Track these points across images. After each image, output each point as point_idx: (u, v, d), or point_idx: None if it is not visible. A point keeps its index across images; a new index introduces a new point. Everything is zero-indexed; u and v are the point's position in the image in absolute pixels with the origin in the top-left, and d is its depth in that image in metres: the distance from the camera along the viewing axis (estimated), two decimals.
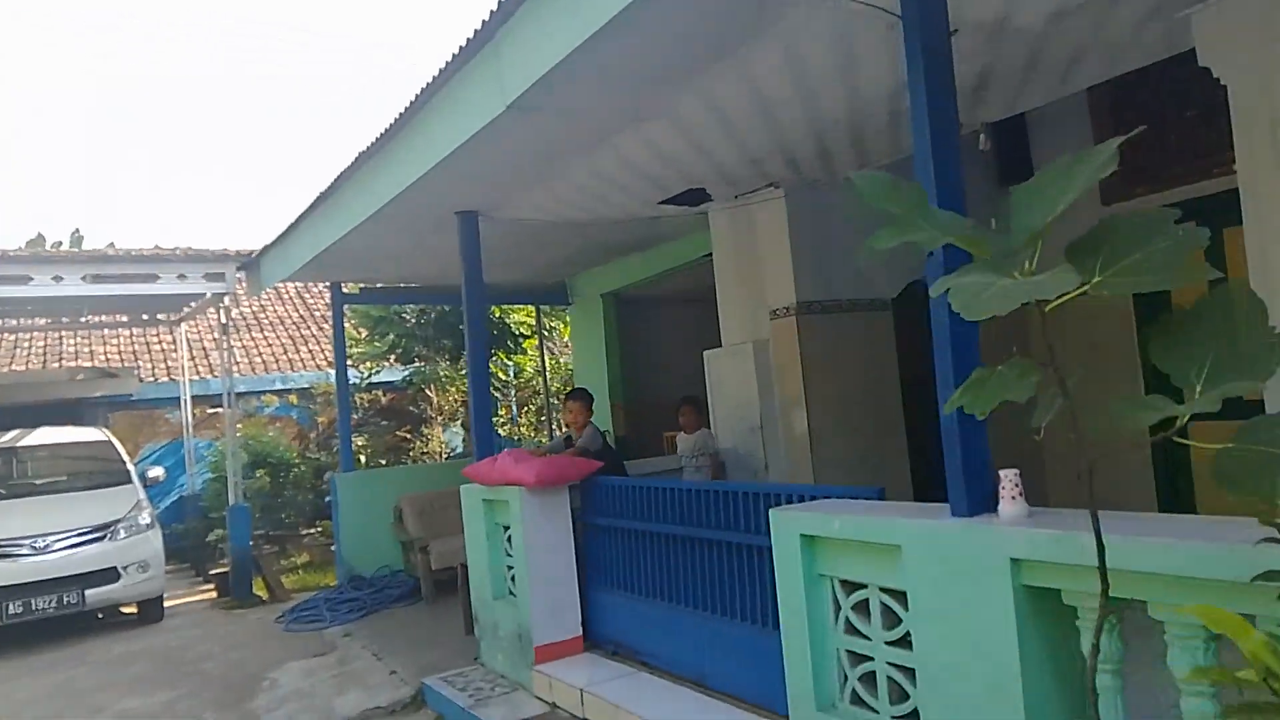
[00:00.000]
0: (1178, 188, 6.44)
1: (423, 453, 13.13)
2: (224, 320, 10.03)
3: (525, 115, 4.26)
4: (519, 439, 13.92)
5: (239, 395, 11.12)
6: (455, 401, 12.85)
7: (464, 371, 12.95)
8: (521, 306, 11.66)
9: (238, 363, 14.57)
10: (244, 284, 9.31)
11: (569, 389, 6.61)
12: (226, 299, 9.73)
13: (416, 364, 13.06)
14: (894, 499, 6.69)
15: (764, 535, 3.66)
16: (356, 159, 5.73)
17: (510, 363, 13.60)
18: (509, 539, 5.55)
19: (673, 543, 4.74)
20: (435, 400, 12.82)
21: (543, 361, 11.33)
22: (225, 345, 10.15)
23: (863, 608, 3.11)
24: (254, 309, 17.44)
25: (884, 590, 3.00)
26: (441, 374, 12.66)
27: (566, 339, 14.47)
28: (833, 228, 6.55)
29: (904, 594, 2.91)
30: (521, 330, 12.27)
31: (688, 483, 4.79)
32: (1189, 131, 6.34)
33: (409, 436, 13.15)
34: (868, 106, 4.86)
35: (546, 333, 12.34)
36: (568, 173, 5.52)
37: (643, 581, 5.03)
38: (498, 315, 11.79)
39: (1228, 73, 3.99)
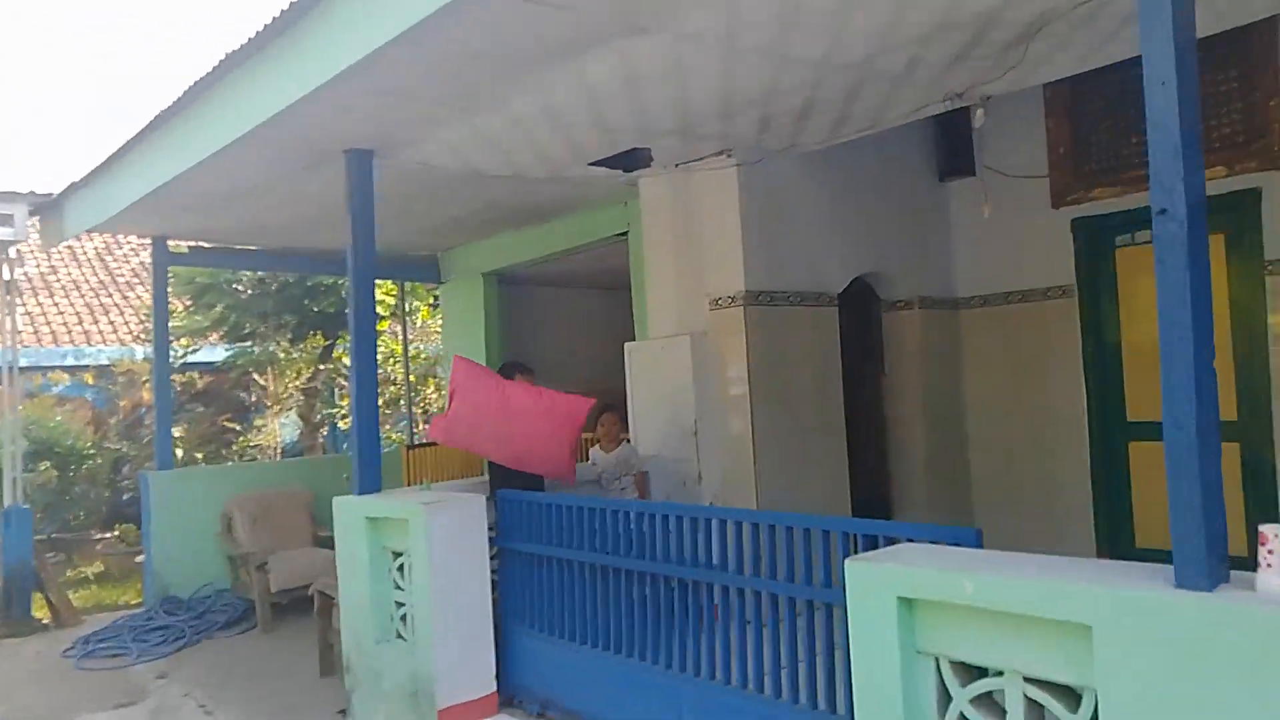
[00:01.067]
0: (1134, 193, 6.05)
1: (250, 446, 11.40)
2: (8, 276, 8.06)
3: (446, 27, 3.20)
4: None
5: (21, 370, 9.12)
6: (293, 388, 11.21)
7: (306, 352, 11.33)
8: (380, 282, 10.23)
9: (20, 331, 12.22)
10: (38, 231, 7.48)
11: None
12: (13, 249, 7.82)
13: (244, 342, 11.32)
14: (833, 510, 6.10)
15: (809, 585, 2.74)
16: (219, 67, 4.36)
17: None
18: (400, 567, 4.37)
19: (644, 581, 3.75)
20: (270, 386, 11.13)
21: (405, 348, 9.95)
22: (7, 307, 8.19)
23: (989, 705, 2.24)
24: (43, 269, 14.84)
25: (1034, 682, 2.14)
26: (280, 355, 10.99)
27: (425, 322, 13.08)
28: (789, 207, 5.74)
29: (1068, 690, 2.07)
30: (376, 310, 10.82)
31: (669, 505, 3.81)
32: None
33: (234, 426, 11.38)
34: (851, 63, 4.06)
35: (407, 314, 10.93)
36: (493, 109, 4.40)
37: (589, 626, 4.00)
38: (343, 287, 10.31)
39: None
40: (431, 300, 11.55)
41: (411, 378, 10.40)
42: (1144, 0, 2.12)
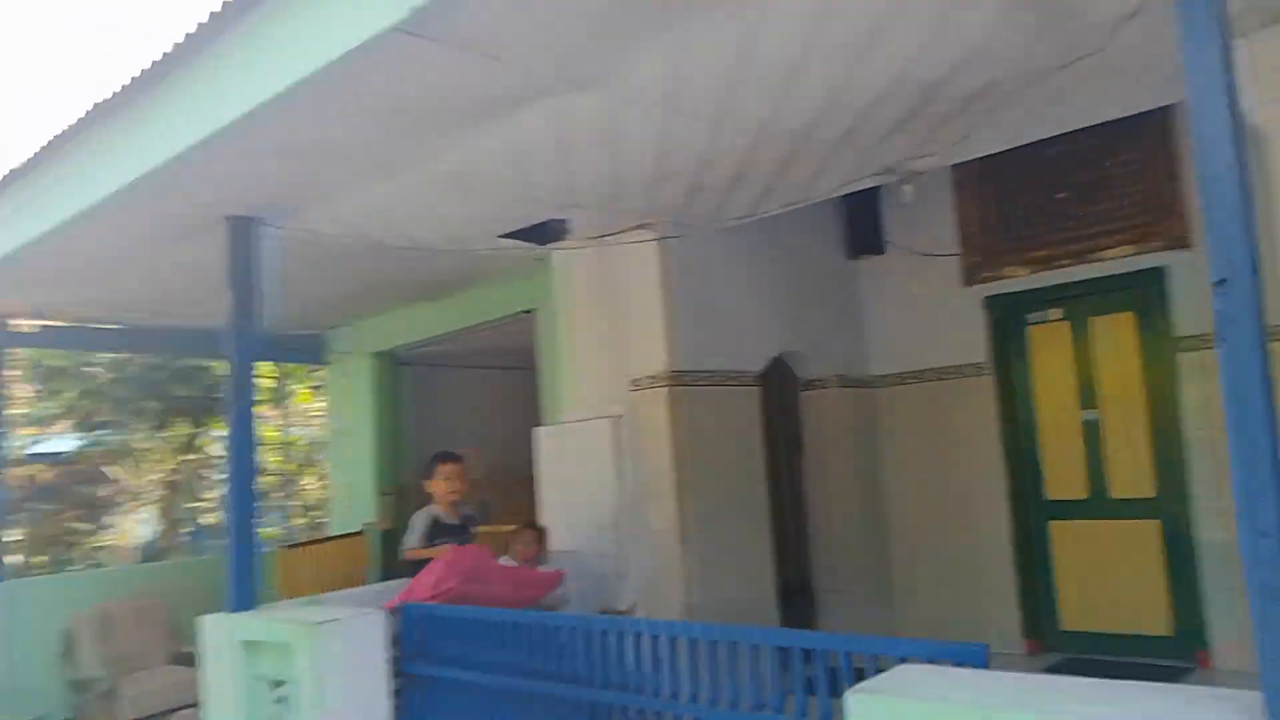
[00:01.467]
0: (1044, 271, 6.09)
1: (99, 548, 10.21)
2: None
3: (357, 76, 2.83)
4: None
5: None
6: (153, 481, 10.14)
7: (169, 441, 10.31)
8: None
9: None
10: None
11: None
12: None
13: (98, 430, 10.24)
14: (761, 602, 5.72)
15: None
16: (80, 121, 3.78)
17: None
18: (282, 700, 3.71)
19: (582, 713, 3.25)
20: (126, 479, 10.04)
21: (284, 434, 9.15)
22: None
23: None
24: None
25: None
26: (136, 444, 9.95)
27: (303, 405, 12.21)
28: (710, 283, 5.48)
29: None
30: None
31: (620, 621, 3.33)
32: (1060, 213, 6.03)
33: (83, 526, 10.18)
34: (791, 130, 3.87)
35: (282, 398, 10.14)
36: (400, 172, 3.99)
37: None
38: (215, 371, 9.46)
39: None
40: (311, 382, 10.77)
41: (291, 466, 9.56)
42: (1193, 83, 1.88)
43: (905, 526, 6.62)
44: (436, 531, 4.60)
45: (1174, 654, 5.53)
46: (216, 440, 10.99)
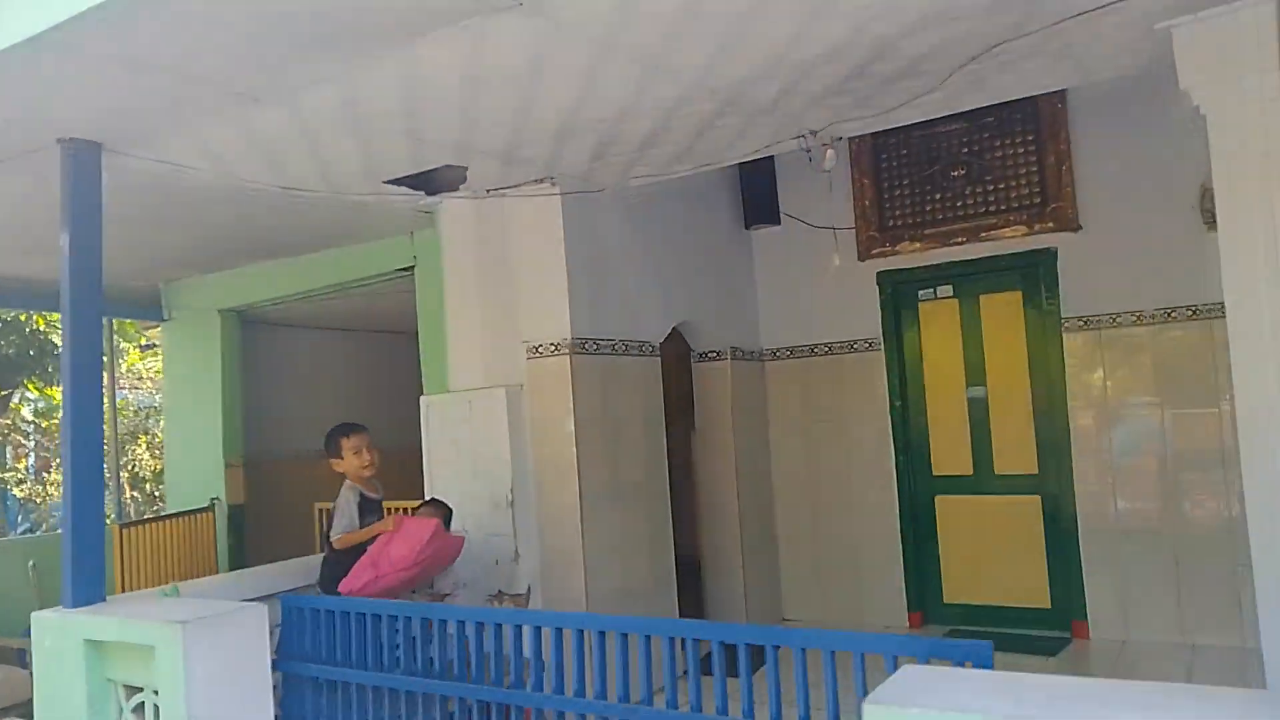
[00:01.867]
0: (938, 248, 6.11)
1: None
2: None
3: None
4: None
5: None
6: None
7: None
8: None
9: None
10: None
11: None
12: None
13: None
14: (662, 582, 5.49)
15: None
16: None
17: (42, 396, 9.87)
18: (140, 708, 3.17)
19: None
20: None
21: (113, 398, 8.16)
22: None
23: None
24: None
25: None
26: None
27: (133, 367, 11.04)
28: (611, 248, 5.16)
29: None
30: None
31: (560, 616, 2.98)
32: (954, 191, 6.05)
33: None
34: (723, 85, 3.59)
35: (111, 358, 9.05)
36: (281, 99, 3.44)
37: None
38: (37, 326, 8.37)
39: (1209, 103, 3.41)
40: (143, 341, 9.71)
41: (119, 435, 8.56)
42: None
43: (793, 504, 6.56)
44: (365, 510, 4.13)
45: (1052, 625, 5.72)
46: (30, 403, 9.78)
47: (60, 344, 7.97)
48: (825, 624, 6.19)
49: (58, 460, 10.91)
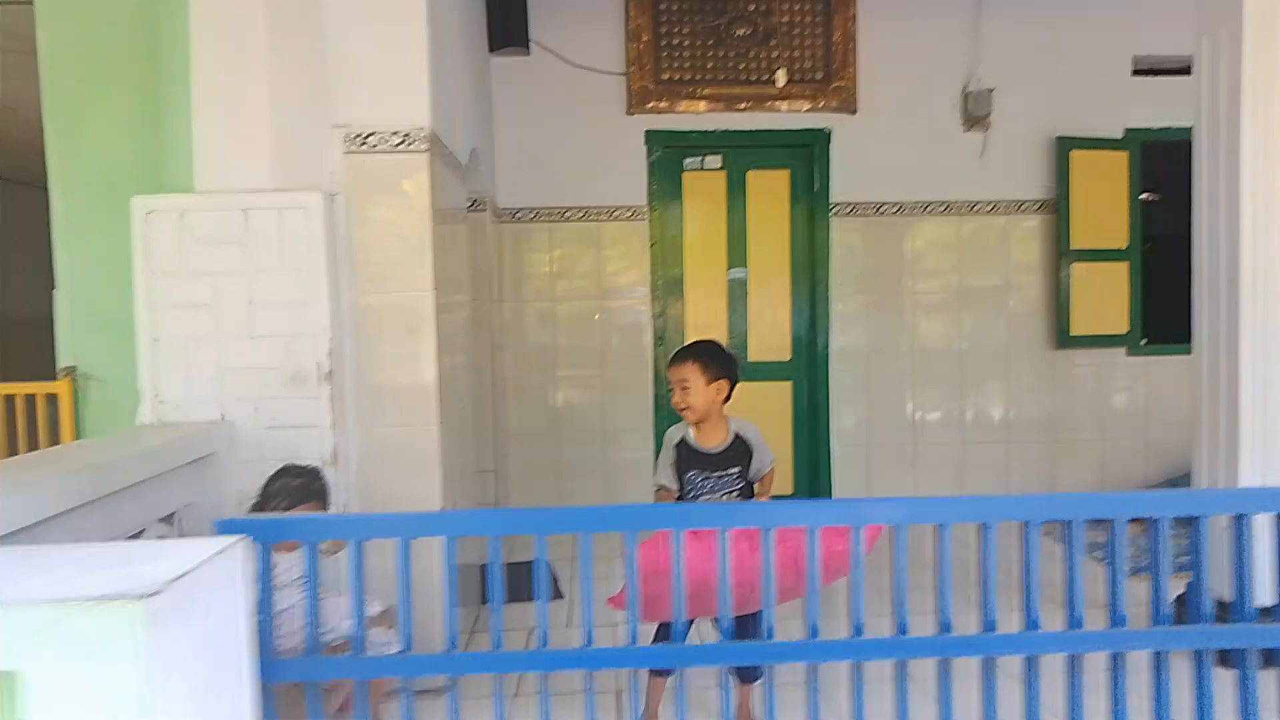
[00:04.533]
0: (719, 113, 5.54)
1: None
2: None
3: None
4: None
5: None
6: None
7: None
8: None
9: None
10: None
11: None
12: None
13: None
14: (480, 472, 4.02)
15: None
16: None
17: None
18: None
19: None
20: None
21: None
22: None
23: None
24: None
25: None
26: None
27: None
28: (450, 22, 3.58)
29: None
30: None
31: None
32: (737, 52, 5.53)
33: None
34: None
35: None
36: None
37: None
38: None
39: None
40: None
41: None
42: None
43: (530, 394, 5.52)
44: None
45: None
46: None
47: None
48: None
49: None
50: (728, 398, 2.84)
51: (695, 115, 5.49)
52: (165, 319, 2.96)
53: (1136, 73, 5.62)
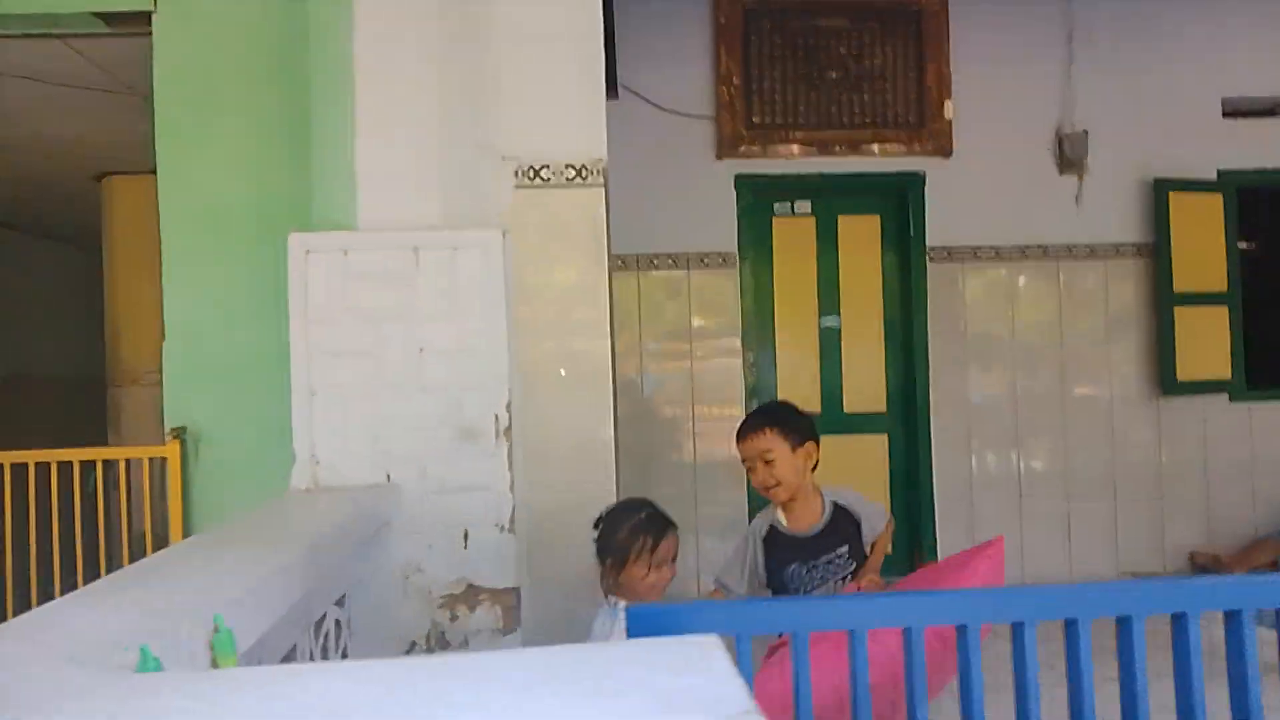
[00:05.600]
0: (812, 157, 5.35)
1: None
2: None
3: None
4: None
5: None
6: None
7: None
8: None
9: None
10: None
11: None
12: None
13: None
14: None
15: None
16: None
17: None
18: None
19: None
20: None
21: None
22: None
23: None
24: None
25: None
26: None
27: None
28: None
29: None
30: None
31: None
32: (828, 95, 5.36)
33: None
34: None
35: None
36: None
37: None
38: None
39: None
40: None
41: None
42: None
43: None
44: None
45: (900, 572, 5.34)
46: None
47: None
48: None
49: None
50: (816, 464, 2.50)
51: (786, 160, 5.30)
52: (324, 368, 2.64)
53: (1227, 115, 5.54)
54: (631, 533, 2.15)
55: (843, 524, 2.40)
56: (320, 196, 2.77)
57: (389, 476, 2.64)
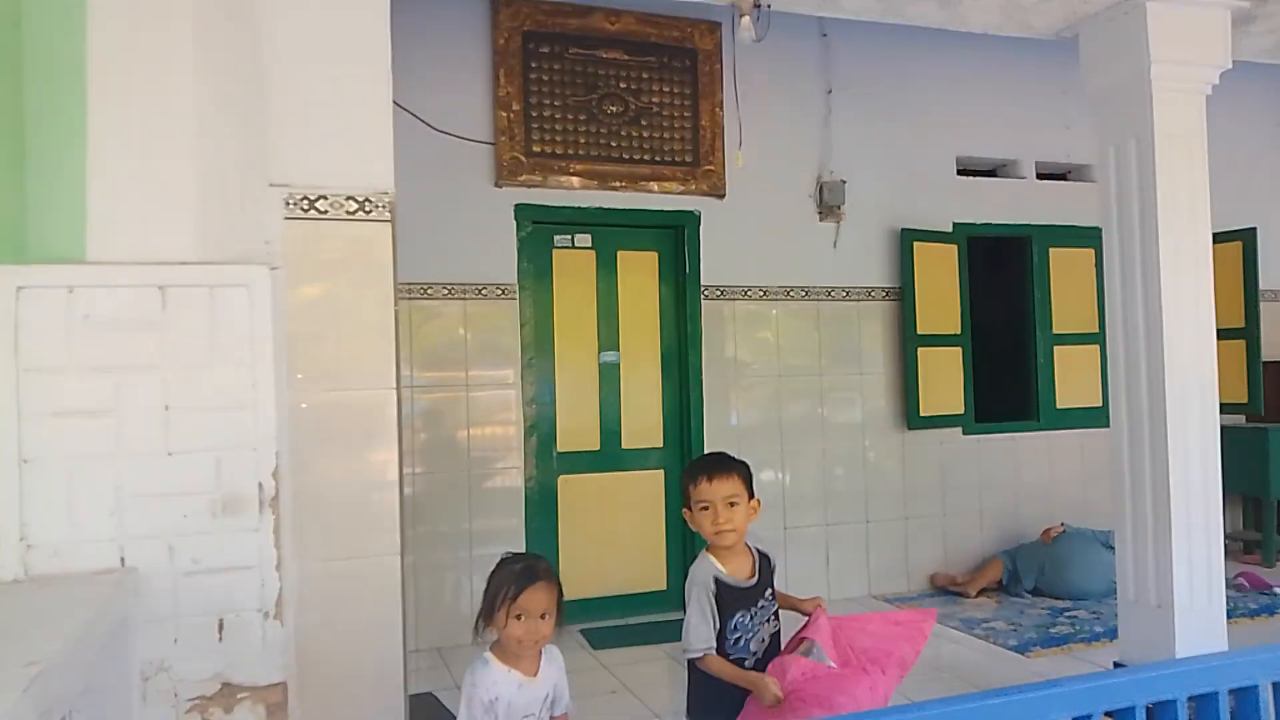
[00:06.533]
0: (592, 190, 5.29)
1: None
2: None
3: None
4: None
5: None
6: None
7: None
8: None
9: None
10: None
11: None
12: None
13: None
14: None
15: None
16: None
17: None
18: None
19: None
20: None
21: None
22: None
23: None
24: None
25: None
26: None
27: None
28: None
29: None
30: None
31: None
32: (609, 129, 5.34)
33: None
34: None
35: None
36: None
37: None
38: None
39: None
40: None
41: None
42: None
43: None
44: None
45: (673, 607, 5.37)
46: None
47: None
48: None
49: None
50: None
51: (567, 191, 5.20)
52: (41, 432, 2.16)
53: (960, 172, 6.10)
54: (499, 582, 2.09)
55: (765, 569, 2.45)
56: (38, 221, 2.28)
57: (124, 560, 2.21)
